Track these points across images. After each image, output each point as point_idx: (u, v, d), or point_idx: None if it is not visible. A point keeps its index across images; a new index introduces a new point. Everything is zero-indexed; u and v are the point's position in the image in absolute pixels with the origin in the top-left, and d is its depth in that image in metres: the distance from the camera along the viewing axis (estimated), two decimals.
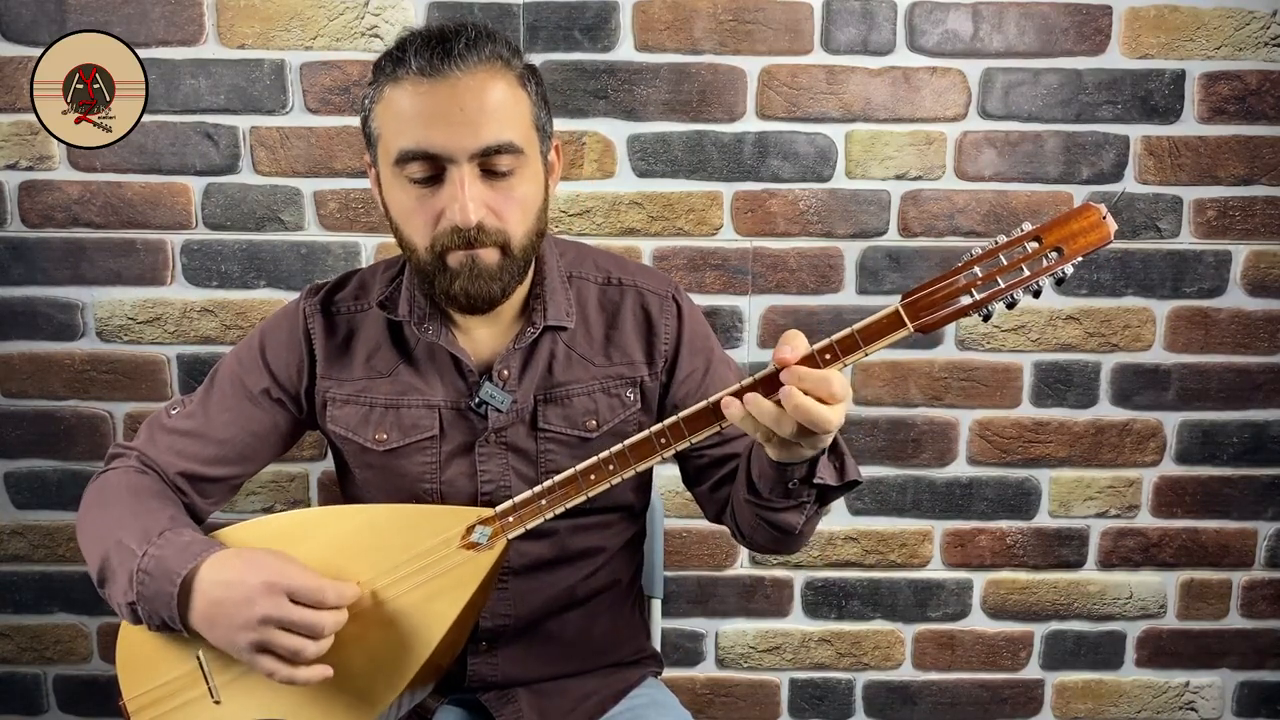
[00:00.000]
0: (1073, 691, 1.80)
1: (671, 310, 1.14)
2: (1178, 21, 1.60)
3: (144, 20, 1.56)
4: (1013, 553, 1.75)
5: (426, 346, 1.10)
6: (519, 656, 1.14)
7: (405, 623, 0.96)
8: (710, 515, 1.18)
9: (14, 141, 1.59)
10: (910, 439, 1.71)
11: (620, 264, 1.17)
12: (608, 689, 1.18)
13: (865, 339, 0.84)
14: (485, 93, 0.96)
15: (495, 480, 1.09)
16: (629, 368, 1.12)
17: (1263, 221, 1.65)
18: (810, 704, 1.79)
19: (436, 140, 0.95)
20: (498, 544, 0.97)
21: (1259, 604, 1.77)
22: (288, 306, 1.15)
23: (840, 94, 1.61)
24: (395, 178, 0.99)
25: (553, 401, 1.10)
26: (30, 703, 1.76)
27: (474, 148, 0.95)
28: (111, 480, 1.08)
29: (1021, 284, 0.84)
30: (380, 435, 1.09)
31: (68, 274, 1.63)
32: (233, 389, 1.12)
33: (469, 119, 0.95)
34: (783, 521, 0.99)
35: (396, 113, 0.97)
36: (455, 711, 1.15)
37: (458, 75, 0.95)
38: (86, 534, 1.04)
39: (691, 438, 0.91)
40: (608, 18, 1.58)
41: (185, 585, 0.94)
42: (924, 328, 0.85)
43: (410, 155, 0.96)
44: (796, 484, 0.94)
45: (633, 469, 0.94)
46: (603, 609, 1.18)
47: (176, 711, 1.00)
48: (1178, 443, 1.72)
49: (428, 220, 0.98)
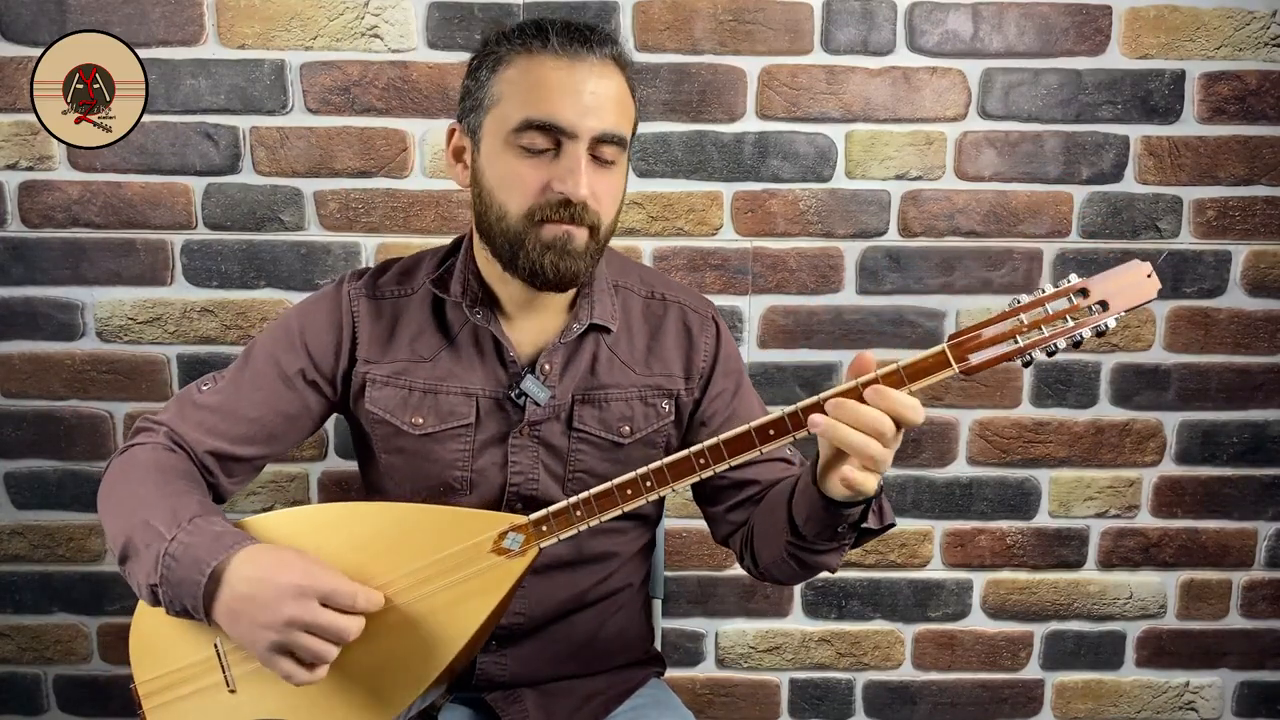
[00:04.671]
0: (1073, 691, 1.80)
1: (711, 330, 1.16)
2: (1178, 21, 1.60)
3: (144, 20, 1.56)
4: (1013, 553, 1.75)
5: (471, 333, 1.10)
6: (528, 656, 1.14)
7: (432, 624, 0.95)
8: (719, 536, 1.18)
9: (14, 141, 1.59)
10: (910, 439, 1.71)
11: (664, 281, 1.20)
12: (612, 689, 1.18)
13: (910, 376, 0.86)
14: (612, 83, 1.01)
15: (525, 473, 1.10)
16: (667, 380, 1.13)
17: (1263, 221, 1.65)
18: (810, 704, 1.79)
19: (567, 115, 0.98)
20: (530, 551, 0.97)
21: (1259, 604, 1.77)
22: (327, 289, 1.15)
23: (840, 94, 1.61)
24: (506, 145, 1.00)
25: (590, 403, 1.10)
26: (30, 703, 1.76)
27: (597, 130, 0.99)
28: (140, 456, 1.06)
29: (1065, 334, 0.85)
30: (417, 419, 1.10)
31: (68, 274, 1.63)
32: (267, 368, 1.11)
33: (598, 104, 0.99)
34: (821, 563, 1.00)
35: (529, 82, 0.99)
36: (461, 710, 1.15)
37: (593, 62, 1.00)
38: (111, 508, 1.03)
39: (731, 460, 0.92)
40: (608, 18, 1.58)
41: (214, 577, 0.93)
42: (969, 370, 0.86)
43: (535, 124, 0.98)
44: (846, 528, 0.95)
45: (670, 487, 0.95)
46: (613, 612, 1.19)
47: (189, 698, 0.99)
48: (1178, 443, 1.72)
49: (532, 189, 0.99)
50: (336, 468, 1.69)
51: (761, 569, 1.10)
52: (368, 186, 1.61)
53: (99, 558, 1.72)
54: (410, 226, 1.62)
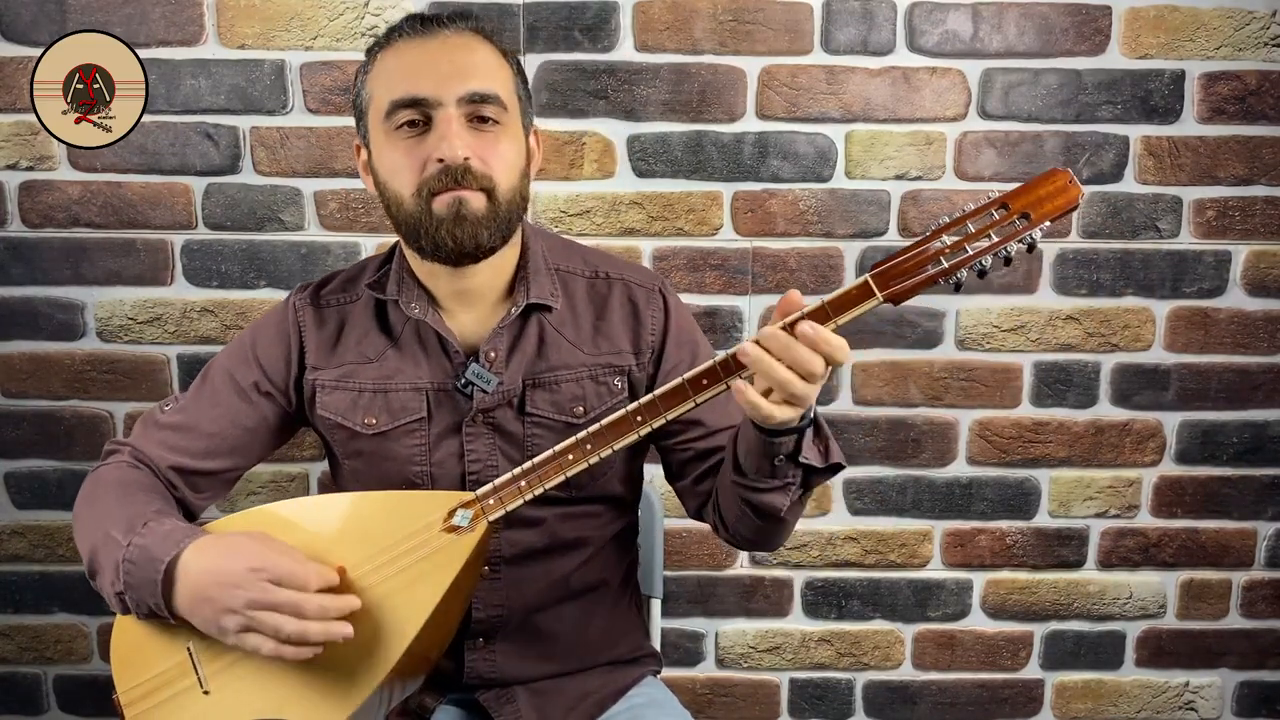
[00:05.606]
0: (1073, 691, 1.80)
1: (658, 303, 1.16)
2: (1177, 21, 1.60)
3: (144, 20, 1.56)
4: (1012, 553, 1.75)
5: (413, 330, 1.12)
6: (516, 653, 1.14)
7: (388, 608, 0.96)
8: (692, 510, 1.19)
9: (14, 141, 1.59)
10: (910, 439, 1.71)
11: (607, 260, 1.19)
12: (606, 688, 1.18)
13: (835, 310, 0.86)
14: (471, 49, 1.04)
15: (482, 461, 1.10)
16: (617, 356, 1.13)
17: (1262, 221, 1.65)
18: (810, 704, 1.79)
19: (425, 86, 1.00)
20: (479, 526, 0.98)
21: (1259, 604, 1.77)
22: (277, 305, 1.18)
23: (840, 94, 1.61)
24: (386, 136, 1.03)
25: (541, 386, 1.11)
26: (30, 703, 1.76)
27: (460, 91, 1.00)
28: (104, 475, 1.09)
29: (990, 250, 0.85)
30: (370, 420, 1.11)
31: (68, 274, 1.63)
32: (223, 384, 1.14)
33: (457, 68, 1.01)
34: (768, 503, 0.99)
35: (388, 71, 1.03)
36: (454, 712, 1.15)
37: (446, 34, 1.04)
38: (79, 529, 1.07)
39: (667, 414, 0.92)
40: (608, 18, 1.58)
41: (169, 572, 0.96)
42: (894, 297, 0.86)
43: (400, 103, 1.01)
44: (782, 460, 0.95)
45: (610, 447, 0.95)
46: (597, 605, 1.19)
47: (167, 704, 1.00)
48: (1177, 443, 1.72)
49: (415, 166, 1.01)
50: None
51: (730, 530, 1.10)
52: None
53: None
54: None
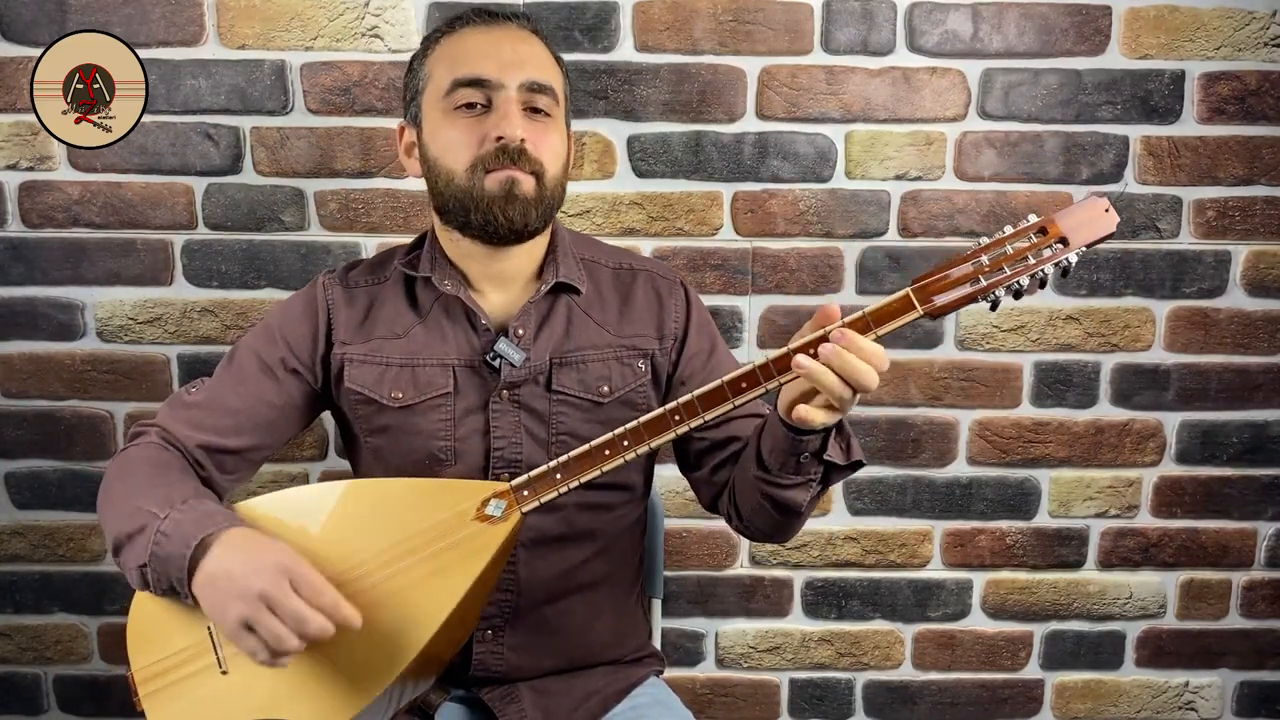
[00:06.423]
0: (1073, 691, 1.80)
1: (680, 294, 1.21)
2: (1177, 22, 1.60)
3: (144, 20, 1.56)
4: (1012, 553, 1.75)
5: (442, 306, 1.14)
6: (523, 646, 1.15)
7: (415, 595, 0.96)
8: (706, 500, 1.20)
9: (14, 142, 1.59)
10: (910, 439, 1.71)
11: (630, 255, 1.24)
12: (610, 687, 1.18)
13: (877, 321, 0.88)
14: (531, 43, 1.11)
15: (507, 437, 1.11)
16: (641, 340, 1.16)
17: (1262, 221, 1.65)
18: (810, 704, 1.79)
19: (490, 69, 1.06)
20: (512, 516, 0.98)
21: (1259, 604, 1.77)
22: (304, 287, 1.20)
23: (840, 94, 1.61)
24: (443, 114, 1.07)
25: (568, 365, 1.13)
26: (30, 703, 1.76)
27: (522, 78, 1.06)
28: (134, 455, 1.09)
29: (1027, 271, 0.87)
30: (396, 393, 1.12)
31: (68, 274, 1.63)
32: (249, 362, 1.15)
33: (519, 57, 1.08)
34: (789, 498, 1.01)
35: (452, 52, 1.09)
36: (458, 710, 1.15)
37: (512, 28, 1.11)
38: (108, 504, 1.06)
39: (705, 415, 0.94)
40: (608, 18, 1.58)
41: (202, 545, 0.95)
42: (933, 312, 0.88)
43: (463, 81, 1.06)
44: (807, 457, 0.97)
45: (647, 445, 0.96)
46: (606, 600, 1.19)
47: (183, 682, 1.00)
48: (1177, 443, 1.72)
49: (472, 143, 1.05)
50: (337, 467, 1.70)
51: (745, 521, 1.12)
52: (368, 186, 1.61)
53: (99, 558, 1.72)
54: (410, 226, 1.62)
